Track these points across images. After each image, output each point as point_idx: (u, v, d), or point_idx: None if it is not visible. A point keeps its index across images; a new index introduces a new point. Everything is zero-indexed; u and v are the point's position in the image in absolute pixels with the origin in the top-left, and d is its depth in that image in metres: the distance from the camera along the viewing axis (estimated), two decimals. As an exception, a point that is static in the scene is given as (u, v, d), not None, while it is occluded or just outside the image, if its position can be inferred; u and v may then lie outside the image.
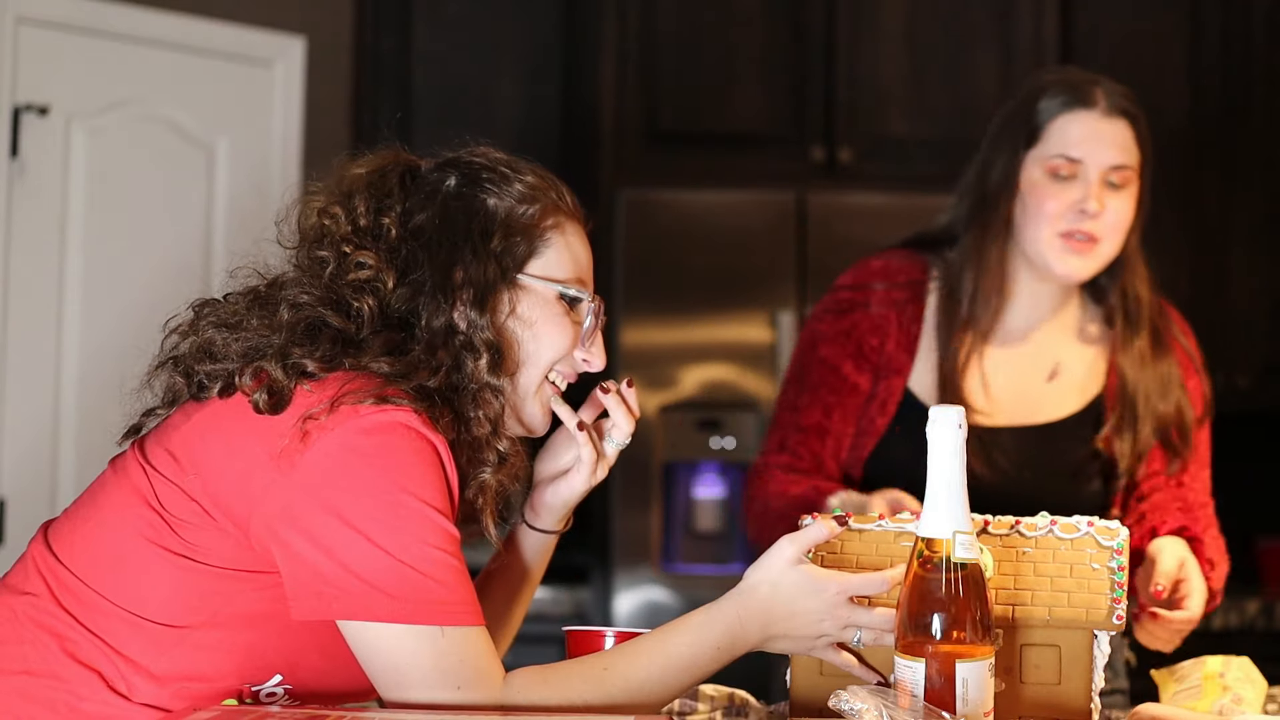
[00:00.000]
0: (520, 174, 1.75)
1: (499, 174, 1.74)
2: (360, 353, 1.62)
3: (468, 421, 1.65)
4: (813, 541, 1.63)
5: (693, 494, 4.16)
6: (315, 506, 1.55)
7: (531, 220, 1.72)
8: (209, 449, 1.61)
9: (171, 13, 4.08)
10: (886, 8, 4.38)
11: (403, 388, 1.59)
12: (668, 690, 1.62)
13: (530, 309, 1.71)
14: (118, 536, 1.63)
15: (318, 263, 1.70)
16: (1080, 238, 2.26)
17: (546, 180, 1.77)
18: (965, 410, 1.55)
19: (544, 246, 1.72)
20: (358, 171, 1.76)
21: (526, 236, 1.71)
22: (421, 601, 1.54)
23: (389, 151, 1.79)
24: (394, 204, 1.72)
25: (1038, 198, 2.28)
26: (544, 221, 1.73)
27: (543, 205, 1.73)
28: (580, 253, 1.76)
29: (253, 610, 1.60)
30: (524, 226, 1.71)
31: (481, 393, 1.66)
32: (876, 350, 2.34)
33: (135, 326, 3.88)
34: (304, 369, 1.61)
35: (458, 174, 1.74)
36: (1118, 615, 1.62)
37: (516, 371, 1.70)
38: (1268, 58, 4.43)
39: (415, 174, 1.76)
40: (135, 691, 1.60)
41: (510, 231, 1.70)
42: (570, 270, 1.73)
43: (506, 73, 4.54)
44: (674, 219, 4.21)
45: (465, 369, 1.65)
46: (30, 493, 3.81)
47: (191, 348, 1.68)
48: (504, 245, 1.70)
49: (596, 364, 1.76)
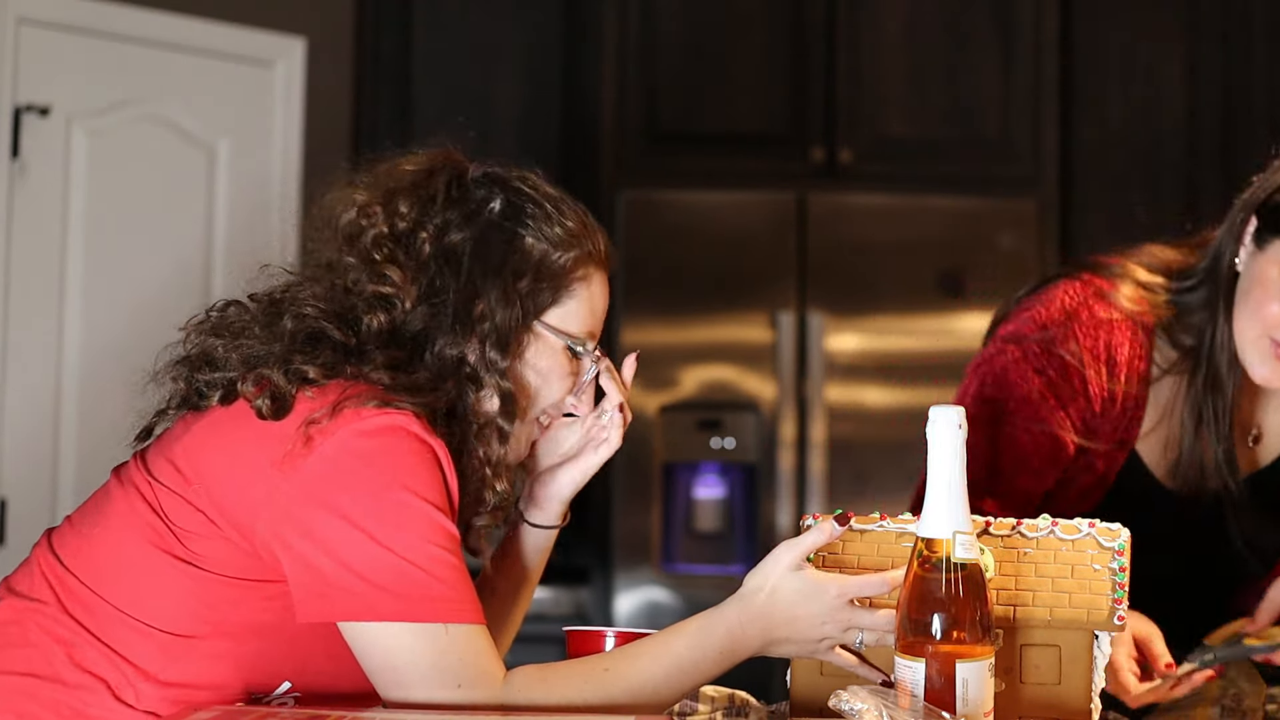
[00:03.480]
0: (564, 216, 1.73)
1: (544, 211, 1.72)
2: (362, 362, 1.62)
3: (475, 458, 1.66)
4: (812, 546, 1.63)
5: (693, 494, 4.17)
6: (317, 507, 1.55)
7: (563, 269, 1.71)
8: (211, 458, 1.61)
9: (172, 13, 4.08)
10: (886, 8, 4.38)
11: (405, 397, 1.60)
12: (669, 692, 1.62)
13: (538, 356, 1.71)
14: (126, 545, 1.63)
15: (340, 267, 1.69)
16: None
17: (587, 227, 1.74)
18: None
19: (567, 298, 1.72)
20: (405, 169, 1.74)
21: (553, 285, 1.70)
22: (424, 599, 1.55)
23: (440, 152, 1.76)
24: (436, 213, 1.69)
25: (1262, 296, 2.01)
26: (574, 272, 1.72)
27: (577, 255, 1.72)
28: (599, 306, 1.75)
29: (260, 619, 1.60)
30: (554, 274, 1.70)
31: (484, 430, 1.66)
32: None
33: (136, 326, 3.88)
34: (305, 375, 1.60)
35: (504, 198, 1.71)
36: (1119, 616, 1.62)
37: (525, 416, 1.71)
38: (1268, 58, 4.43)
39: (462, 180, 1.73)
40: (142, 699, 1.60)
41: (540, 276, 1.69)
42: (585, 324, 1.73)
43: (506, 73, 4.54)
44: (674, 219, 4.21)
45: (467, 402, 1.65)
46: (30, 493, 3.81)
47: (192, 354, 1.68)
48: (531, 289, 1.69)
49: (583, 411, 1.78)
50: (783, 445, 4.17)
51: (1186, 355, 2.10)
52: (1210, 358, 2.07)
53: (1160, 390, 2.12)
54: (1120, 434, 2.11)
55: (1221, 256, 2.07)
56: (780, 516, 4.15)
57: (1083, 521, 1.68)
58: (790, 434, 4.16)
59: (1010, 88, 4.38)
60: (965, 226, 4.26)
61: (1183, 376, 2.11)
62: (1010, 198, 4.31)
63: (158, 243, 4.07)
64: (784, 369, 4.17)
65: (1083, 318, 2.10)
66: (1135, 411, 2.11)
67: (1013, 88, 4.38)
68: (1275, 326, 1.99)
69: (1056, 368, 2.09)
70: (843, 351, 4.20)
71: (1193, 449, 2.09)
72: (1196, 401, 2.09)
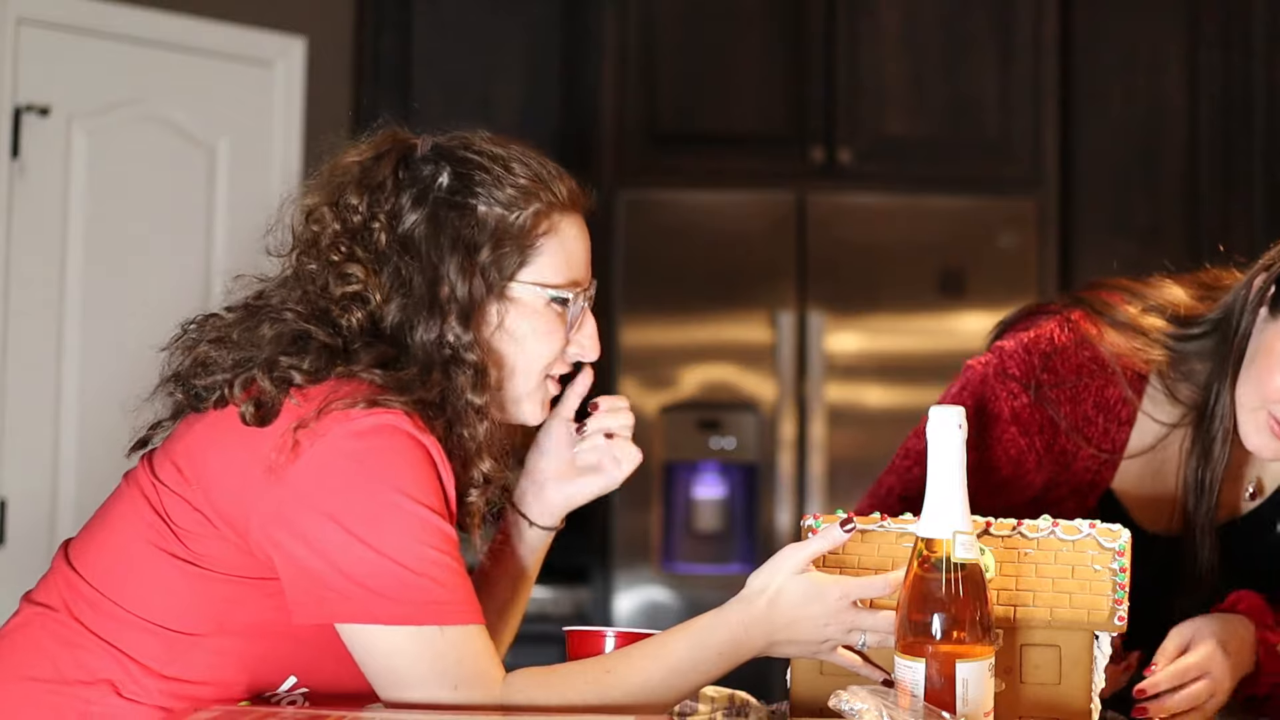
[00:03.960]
0: (514, 174, 1.69)
1: (492, 175, 1.68)
2: (350, 363, 1.61)
3: (459, 437, 1.64)
4: (818, 552, 1.62)
5: (693, 494, 4.17)
6: (309, 511, 1.54)
7: (524, 228, 1.67)
8: (207, 459, 1.61)
9: (172, 13, 4.08)
10: (886, 8, 4.38)
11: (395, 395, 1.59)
12: (670, 694, 1.61)
13: (518, 320, 1.68)
14: (129, 545, 1.63)
15: (306, 274, 1.67)
16: None
17: (542, 178, 1.70)
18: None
19: (535, 254, 1.68)
20: (350, 161, 1.72)
21: (518, 245, 1.67)
22: (418, 602, 1.54)
23: (386, 135, 1.74)
24: (386, 199, 1.68)
25: (1267, 366, 1.94)
26: (537, 228, 1.68)
27: (536, 209, 1.68)
28: (575, 249, 1.71)
29: (262, 617, 1.61)
30: (515, 235, 1.67)
31: (466, 411, 1.64)
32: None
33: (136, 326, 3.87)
34: (291, 380, 1.59)
35: (450, 170, 1.69)
36: (1119, 616, 1.62)
37: (503, 386, 1.69)
38: (1268, 58, 4.43)
39: (409, 161, 1.71)
40: (148, 696, 1.60)
41: (500, 242, 1.66)
42: (564, 273, 1.70)
43: (506, 73, 4.54)
44: (674, 219, 4.22)
45: (456, 384, 1.64)
46: (31, 493, 3.81)
47: (189, 362, 1.67)
48: (493, 257, 1.66)
49: (589, 353, 1.74)
50: (783, 445, 4.17)
51: (1186, 409, 2.04)
52: (1208, 425, 2.00)
53: (1144, 437, 2.06)
54: (1092, 475, 2.06)
55: (1232, 314, 1.99)
56: (780, 516, 4.15)
57: (1083, 522, 1.68)
58: (790, 434, 4.16)
59: (1010, 88, 4.38)
60: (965, 226, 4.26)
61: (1177, 429, 2.05)
62: (1010, 198, 4.31)
63: (158, 243, 4.06)
64: (784, 369, 4.17)
65: (1068, 359, 2.04)
66: (1112, 457, 2.05)
67: (1013, 88, 4.38)
68: (1276, 400, 1.92)
69: (1030, 403, 2.03)
70: (843, 351, 4.20)
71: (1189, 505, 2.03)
72: (1192, 463, 2.02)
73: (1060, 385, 2.04)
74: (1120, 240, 4.37)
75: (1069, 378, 2.04)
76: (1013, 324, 2.15)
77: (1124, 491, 2.08)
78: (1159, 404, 2.05)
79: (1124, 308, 2.07)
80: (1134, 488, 2.08)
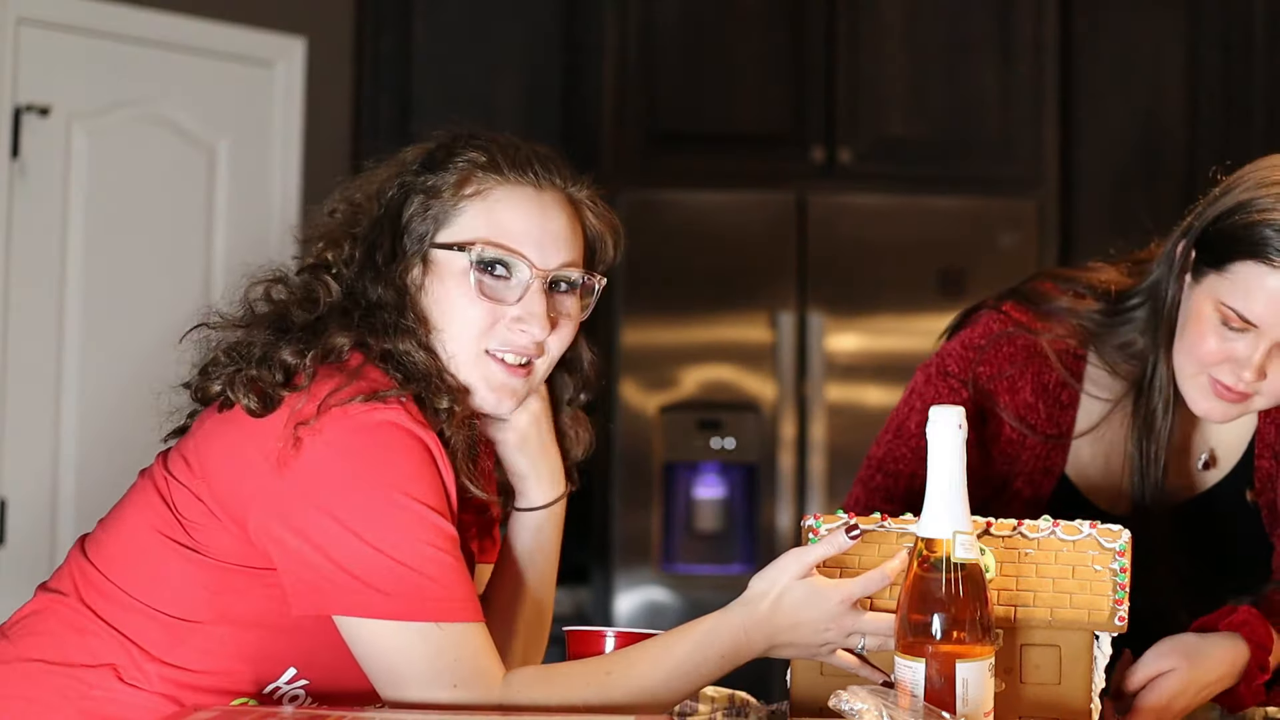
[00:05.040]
0: (469, 148, 1.68)
1: (449, 150, 1.69)
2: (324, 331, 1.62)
3: (435, 411, 1.63)
4: (821, 557, 1.62)
5: (693, 494, 4.17)
6: (308, 507, 1.55)
7: (448, 188, 1.66)
8: (211, 452, 1.63)
9: (172, 13, 4.08)
10: (886, 8, 4.38)
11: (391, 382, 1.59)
12: (670, 695, 1.61)
13: (434, 283, 1.66)
14: (139, 533, 1.66)
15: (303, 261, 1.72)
16: (1231, 395, 1.92)
17: (495, 147, 1.68)
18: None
19: (455, 215, 1.66)
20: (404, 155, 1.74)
21: (440, 207, 1.66)
22: (416, 598, 1.54)
23: (445, 132, 1.75)
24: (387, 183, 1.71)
25: (1198, 332, 1.92)
26: (462, 189, 1.66)
27: (466, 172, 1.66)
28: (511, 218, 1.66)
29: (262, 607, 1.61)
30: (437, 196, 1.66)
31: (429, 379, 1.62)
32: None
33: (136, 326, 3.88)
34: (285, 362, 1.60)
35: (429, 155, 1.71)
36: (1120, 617, 1.62)
37: (438, 347, 1.65)
38: (1268, 58, 4.43)
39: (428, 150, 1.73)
40: (149, 681, 1.61)
41: (426, 206, 1.66)
42: (485, 236, 1.65)
43: (506, 73, 4.54)
44: (674, 219, 4.22)
45: (401, 347, 1.63)
46: (31, 493, 3.81)
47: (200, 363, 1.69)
48: (418, 217, 1.66)
49: (533, 331, 1.65)
50: (783, 445, 4.17)
51: (1127, 385, 2.03)
52: (1148, 397, 2.00)
53: (1090, 416, 2.06)
54: (1043, 462, 2.06)
55: (1160, 284, 1.99)
56: (780, 517, 4.15)
57: (1084, 523, 1.68)
58: (790, 434, 4.16)
59: (1010, 88, 4.38)
60: (965, 226, 4.26)
61: (1121, 404, 2.04)
62: (1010, 198, 4.31)
63: (157, 243, 4.07)
64: (784, 369, 4.17)
65: (1001, 349, 2.06)
66: (1060, 440, 2.06)
67: (1013, 88, 4.38)
68: (1212, 364, 1.90)
69: (970, 398, 2.05)
70: (843, 351, 4.20)
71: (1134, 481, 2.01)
72: (1135, 436, 2.02)
73: (998, 376, 2.05)
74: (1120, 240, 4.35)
75: (1005, 368, 2.05)
76: (957, 326, 2.16)
77: (1080, 476, 2.08)
78: (1100, 382, 2.06)
79: (1056, 293, 2.08)
80: (1088, 471, 2.08)
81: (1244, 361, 1.88)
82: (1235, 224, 1.91)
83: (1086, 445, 2.08)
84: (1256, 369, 1.88)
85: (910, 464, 2.09)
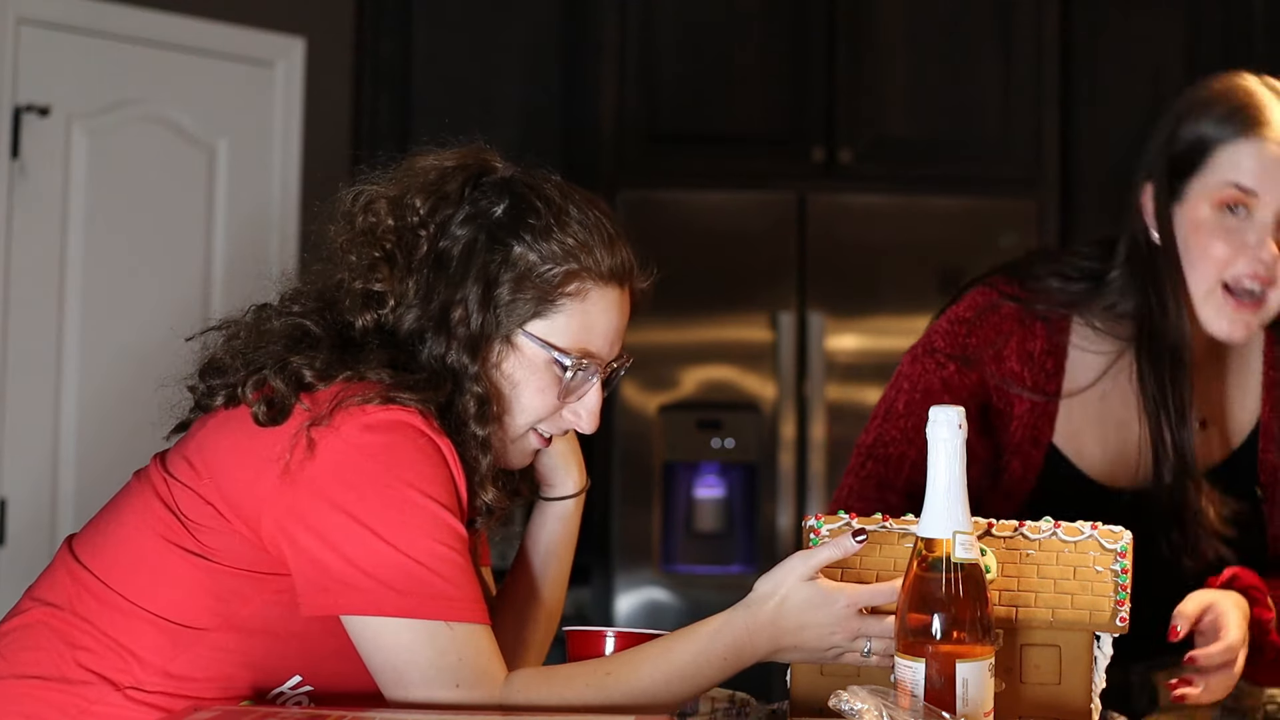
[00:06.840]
0: (566, 229, 1.68)
1: (544, 223, 1.67)
2: (359, 362, 1.61)
3: (464, 461, 1.64)
4: (827, 560, 1.62)
5: (693, 494, 4.17)
6: (322, 503, 1.55)
7: (550, 282, 1.66)
8: (220, 454, 1.62)
9: (172, 13, 4.08)
10: (887, 8, 4.38)
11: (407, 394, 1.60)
12: (672, 697, 1.61)
13: (516, 368, 1.67)
14: (138, 538, 1.64)
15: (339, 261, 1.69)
16: (1248, 303, 1.95)
17: (591, 240, 1.68)
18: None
19: (554, 311, 1.66)
20: (428, 164, 1.72)
21: (538, 296, 1.66)
22: (426, 596, 1.55)
23: (471, 149, 1.74)
24: (444, 211, 1.68)
25: (1199, 243, 1.97)
26: (564, 286, 1.66)
27: (571, 269, 1.66)
28: (599, 323, 1.68)
29: (269, 613, 1.61)
30: (539, 285, 1.66)
31: (469, 440, 1.64)
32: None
33: (136, 326, 3.88)
34: (302, 378, 1.60)
35: (508, 204, 1.68)
36: (1121, 618, 1.62)
37: (500, 421, 1.68)
38: (1268, 58, 4.43)
39: (480, 182, 1.71)
40: (147, 691, 1.60)
41: (521, 287, 1.65)
42: (578, 339, 1.67)
43: (506, 73, 4.54)
44: (674, 219, 4.22)
45: (457, 406, 1.64)
46: (30, 493, 3.82)
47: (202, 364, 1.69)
48: (510, 299, 1.65)
49: (584, 425, 1.71)
50: (783, 445, 4.17)
51: (1122, 343, 2.06)
52: (1158, 337, 2.01)
53: (1086, 372, 2.07)
54: (1031, 432, 2.07)
55: (1135, 239, 2.06)
56: (780, 517, 4.15)
57: (1085, 524, 1.68)
58: (790, 434, 4.16)
59: (1010, 88, 4.38)
60: (965, 226, 4.26)
61: (1121, 366, 2.06)
62: (1010, 198, 4.31)
63: (157, 243, 4.07)
64: (784, 369, 4.18)
65: (987, 319, 2.08)
66: (1046, 407, 2.07)
67: (1013, 88, 4.38)
68: (1225, 265, 1.94)
69: (957, 370, 2.07)
70: (843, 351, 4.20)
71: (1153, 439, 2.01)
72: (1152, 388, 2.01)
73: (985, 346, 2.08)
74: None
75: (991, 337, 2.08)
76: (947, 306, 2.17)
77: (1073, 447, 2.08)
78: (1089, 338, 2.08)
79: (1042, 264, 2.13)
80: (1082, 438, 2.08)
81: (1258, 243, 1.92)
82: (1196, 129, 2.02)
83: (1076, 412, 2.08)
84: (1271, 246, 1.92)
85: (900, 445, 2.10)
